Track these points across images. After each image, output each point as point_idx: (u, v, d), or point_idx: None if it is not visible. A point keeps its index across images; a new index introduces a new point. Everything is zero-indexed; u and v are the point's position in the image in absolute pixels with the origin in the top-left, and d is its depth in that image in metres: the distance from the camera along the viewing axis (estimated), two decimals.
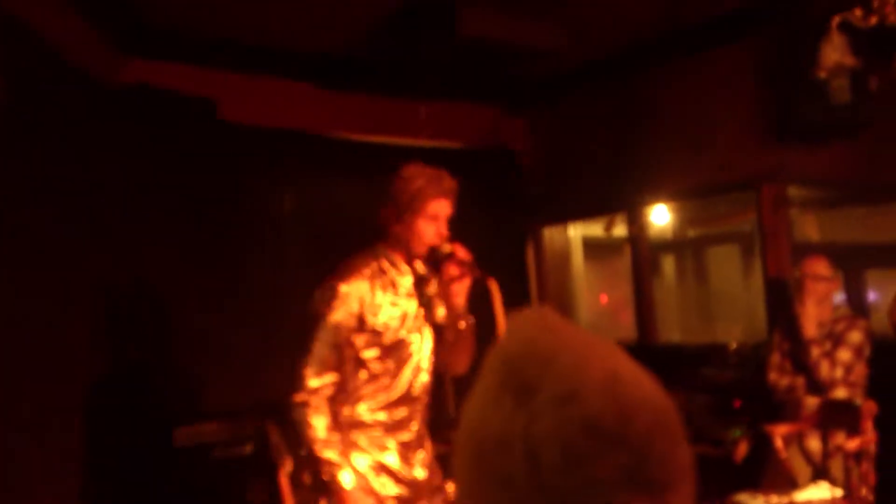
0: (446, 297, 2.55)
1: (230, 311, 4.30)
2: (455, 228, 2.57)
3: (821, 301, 3.62)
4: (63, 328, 3.33)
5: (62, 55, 3.42)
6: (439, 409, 2.63)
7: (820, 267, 3.67)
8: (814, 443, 3.57)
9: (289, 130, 4.63)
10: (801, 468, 3.58)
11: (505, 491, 0.67)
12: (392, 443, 2.49)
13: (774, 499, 3.19)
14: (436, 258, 2.50)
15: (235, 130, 4.33)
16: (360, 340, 2.43)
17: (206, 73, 4.36)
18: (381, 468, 2.47)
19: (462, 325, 2.55)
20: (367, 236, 2.71)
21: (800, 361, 3.62)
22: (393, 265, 2.52)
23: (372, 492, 2.44)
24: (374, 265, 2.49)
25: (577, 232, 6.07)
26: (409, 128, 4.99)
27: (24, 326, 3.01)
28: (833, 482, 3.34)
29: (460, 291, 2.52)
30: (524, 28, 3.97)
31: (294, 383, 2.39)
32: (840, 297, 5.11)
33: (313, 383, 2.38)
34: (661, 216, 5.80)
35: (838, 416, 3.47)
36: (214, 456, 3.58)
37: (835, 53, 3.07)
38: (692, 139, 4.84)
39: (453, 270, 2.49)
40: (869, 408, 3.38)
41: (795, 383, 3.65)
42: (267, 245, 4.52)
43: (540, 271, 5.73)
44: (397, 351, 2.48)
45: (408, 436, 2.51)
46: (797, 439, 3.60)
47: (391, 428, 2.48)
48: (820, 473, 3.50)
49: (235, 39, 4.35)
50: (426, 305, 2.59)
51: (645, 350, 5.22)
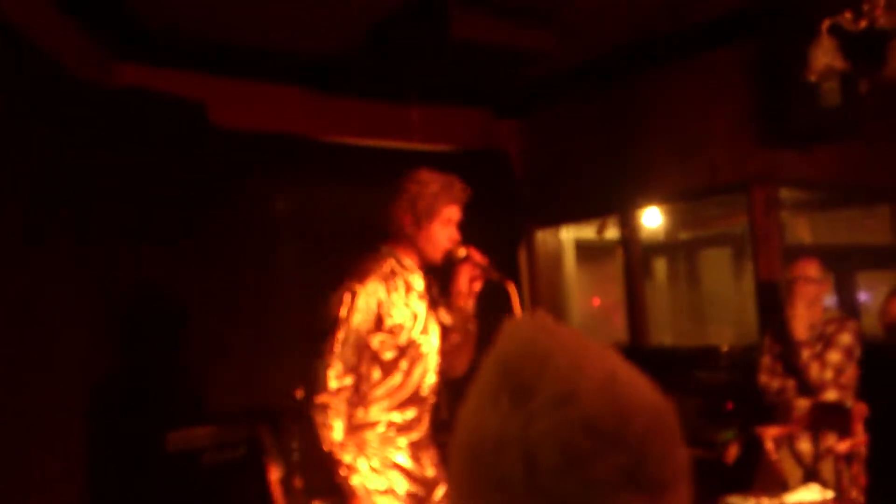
0: (456, 300, 2.60)
1: (223, 316, 4.29)
2: None
3: (811, 303, 3.63)
4: (54, 333, 3.31)
5: (54, 59, 3.41)
6: (433, 412, 2.64)
7: (810, 269, 3.69)
8: (805, 445, 3.58)
9: (280, 134, 4.62)
10: (792, 470, 3.59)
11: (502, 492, 0.67)
12: (403, 442, 2.51)
13: (765, 501, 3.19)
14: (450, 262, 2.56)
15: (226, 134, 4.32)
16: (377, 341, 2.46)
17: (197, 77, 4.35)
18: (394, 467, 2.49)
19: (471, 328, 2.60)
20: (361, 239, 2.71)
21: (790, 363, 3.64)
22: (404, 267, 2.55)
23: (388, 490, 2.45)
24: (387, 267, 2.52)
25: (570, 234, 6.07)
26: (402, 131, 4.99)
27: (15, 332, 2.99)
28: (824, 484, 3.35)
29: (471, 294, 2.59)
30: (516, 31, 3.99)
31: (313, 385, 2.40)
32: (831, 299, 5.14)
33: (334, 385, 2.39)
34: (653, 219, 5.82)
35: (829, 419, 3.48)
36: (207, 460, 3.57)
37: (824, 57, 3.08)
38: (683, 142, 4.86)
39: (470, 273, 2.56)
40: (859, 410, 3.39)
41: (786, 385, 3.67)
42: (259, 249, 4.52)
43: (532, 274, 5.73)
44: (410, 351, 2.52)
45: (417, 435, 2.54)
46: (788, 441, 3.61)
47: (402, 428, 2.51)
48: (811, 475, 3.51)
49: (226, 43, 4.35)
50: (435, 307, 2.62)
51: (637, 352, 5.23)
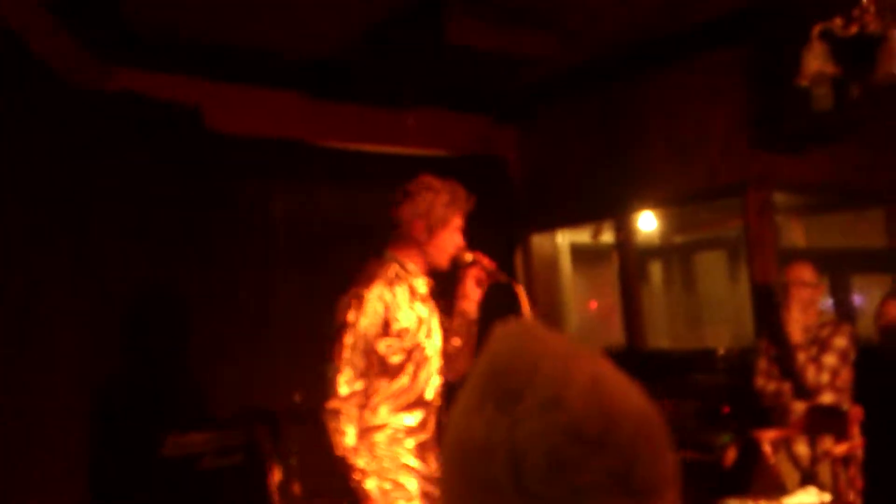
0: (461, 304, 2.63)
1: (220, 319, 4.28)
2: None
3: (806, 307, 3.65)
4: (52, 336, 3.31)
5: (49, 64, 3.41)
6: (439, 414, 2.65)
7: (805, 273, 3.70)
8: (802, 448, 3.59)
9: (276, 139, 4.62)
10: (790, 473, 3.60)
11: (489, 496, 0.66)
12: (411, 443, 2.53)
13: None
14: (457, 267, 2.60)
15: (222, 138, 4.32)
16: (384, 345, 2.48)
17: (193, 81, 4.35)
18: (404, 468, 2.50)
19: (473, 331, 2.64)
20: (358, 243, 2.73)
21: (786, 367, 3.65)
22: (407, 271, 2.57)
23: (402, 491, 2.46)
24: (391, 271, 2.55)
25: (566, 239, 6.09)
26: (398, 136, 5.00)
27: (14, 335, 2.99)
28: (821, 487, 3.36)
29: (476, 298, 2.62)
30: (511, 37, 4.00)
31: (324, 391, 2.42)
32: (826, 302, 5.16)
33: (345, 390, 2.41)
34: (649, 223, 5.83)
35: (826, 422, 3.49)
36: (203, 466, 3.56)
37: (816, 62, 3.10)
38: (678, 146, 4.88)
39: (476, 277, 2.60)
40: (856, 413, 3.40)
41: (782, 388, 3.68)
42: (256, 253, 4.51)
43: (529, 278, 5.74)
44: (416, 355, 2.54)
45: (425, 437, 2.55)
46: (785, 444, 3.62)
47: (411, 430, 2.52)
48: (808, 478, 3.52)
49: (222, 47, 4.35)
50: (438, 310, 2.65)
51: (633, 356, 5.24)
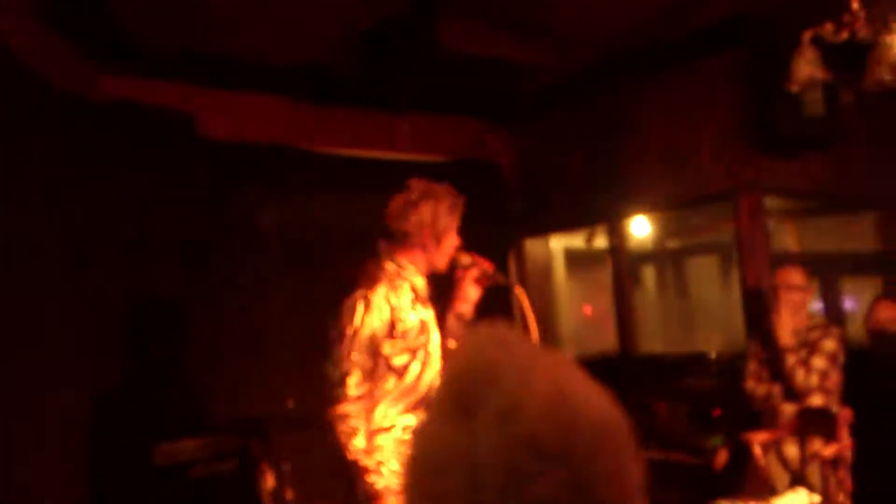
0: (458, 306, 2.65)
1: (212, 327, 4.28)
2: None
3: (795, 310, 3.67)
4: (41, 347, 3.30)
5: (40, 72, 3.42)
6: None
7: (794, 277, 3.73)
8: (791, 450, 3.61)
9: (269, 145, 4.63)
10: (780, 475, 3.62)
11: None
12: None
13: None
14: (456, 268, 2.63)
15: (214, 146, 4.33)
16: (389, 346, 2.50)
17: (184, 88, 4.35)
18: None
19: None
20: (351, 249, 2.74)
21: (776, 370, 3.67)
22: (409, 273, 2.59)
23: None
24: (391, 273, 2.57)
25: (559, 244, 6.10)
26: (392, 142, 5.01)
27: (5, 343, 2.99)
28: (811, 488, 3.37)
29: (473, 300, 2.65)
30: (504, 42, 4.02)
31: (332, 394, 2.43)
32: (817, 306, 5.19)
33: (355, 393, 2.43)
34: (642, 228, 5.85)
35: (815, 424, 3.52)
36: (196, 473, 3.56)
37: (807, 68, 3.13)
38: (671, 152, 4.91)
39: (475, 279, 2.63)
40: (845, 415, 3.43)
41: (772, 391, 3.70)
42: (248, 260, 4.51)
43: (522, 283, 5.74)
44: (419, 355, 2.56)
45: None
46: (775, 446, 3.64)
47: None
48: (798, 480, 3.53)
49: (213, 54, 4.35)
50: (436, 312, 2.67)
51: (626, 360, 5.25)
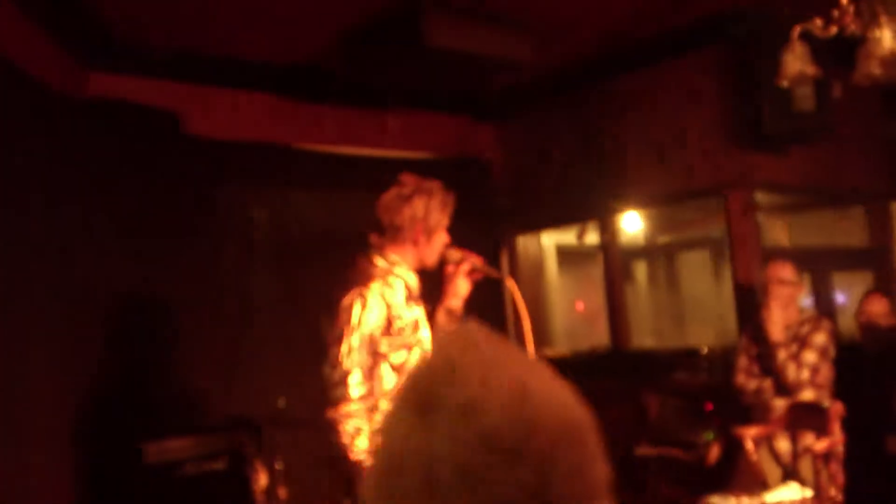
0: (449, 301, 2.64)
1: (200, 326, 4.26)
2: None
3: (786, 304, 3.67)
4: (29, 344, 3.28)
5: (25, 70, 3.39)
6: None
7: (784, 271, 3.73)
8: (783, 444, 3.62)
9: (255, 143, 4.61)
10: (772, 469, 3.62)
11: None
12: None
13: (745, 500, 3.23)
14: (446, 264, 2.62)
15: (200, 143, 4.30)
16: (386, 344, 2.49)
17: (170, 86, 4.32)
18: None
19: None
20: (339, 247, 2.73)
21: (767, 364, 3.68)
22: (400, 271, 2.57)
23: None
24: (383, 271, 2.55)
25: (551, 240, 6.11)
26: (378, 139, 5.00)
27: None
28: (802, 483, 3.39)
29: (463, 295, 2.64)
30: (490, 39, 4.00)
31: (334, 395, 2.42)
32: (808, 300, 5.21)
33: (356, 392, 2.42)
34: (633, 223, 5.86)
35: (807, 418, 3.52)
36: (188, 472, 3.54)
37: (796, 63, 3.13)
38: (660, 147, 4.91)
39: (465, 274, 2.61)
40: (836, 409, 3.43)
41: (763, 386, 3.70)
42: (235, 258, 4.49)
43: (514, 279, 5.74)
44: (415, 351, 2.55)
45: None
46: (766, 441, 3.64)
47: None
48: (790, 474, 3.54)
49: (199, 52, 4.33)
50: (427, 307, 2.66)
51: (618, 356, 5.26)
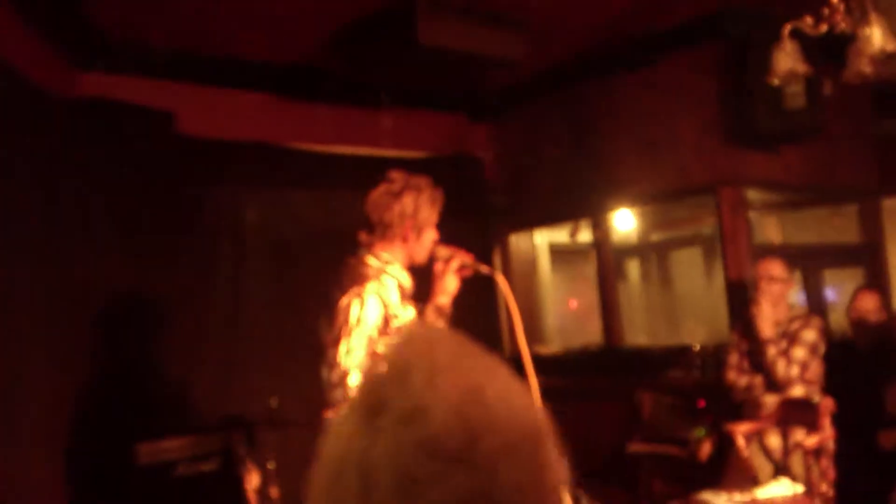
0: (438, 298, 2.63)
1: (194, 325, 4.26)
2: None
3: (776, 301, 3.69)
4: (24, 344, 3.27)
5: (19, 70, 3.37)
6: None
7: (774, 268, 3.75)
8: (774, 440, 3.63)
9: (249, 142, 4.60)
10: (763, 465, 3.64)
11: None
12: None
13: (737, 496, 3.24)
14: (435, 261, 2.61)
15: (193, 143, 4.29)
16: (382, 344, 2.48)
17: (164, 86, 4.32)
18: None
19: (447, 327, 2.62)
20: (332, 246, 2.72)
21: (757, 361, 3.69)
22: (393, 270, 2.57)
23: None
24: (376, 271, 2.54)
25: (544, 238, 6.11)
26: (372, 138, 4.99)
27: None
28: (794, 478, 3.40)
29: (453, 292, 2.62)
30: (483, 37, 4.00)
31: (333, 397, 2.40)
32: (800, 297, 5.23)
33: None
34: (625, 221, 5.87)
35: (797, 414, 3.54)
36: (180, 472, 3.54)
37: (786, 61, 3.14)
38: (652, 145, 4.92)
39: (455, 271, 2.60)
40: (827, 405, 3.45)
41: (753, 382, 3.72)
42: (228, 257, 4.48)
43: (507, 278, 5.74)
44: None
45: None
46: (757, 437, 3.66)
47: None
48: (781, 470, 3.56)
49: (192, 51, 4.32)
50: (418, 305, 2.65)
51: (611, 353, 5.27)
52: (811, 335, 3.63)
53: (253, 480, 3.36)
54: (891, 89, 5.30)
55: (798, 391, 3.59)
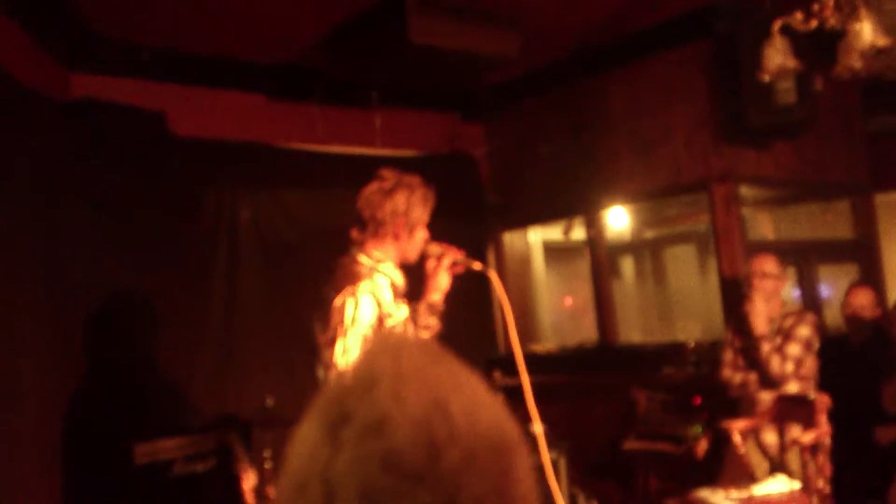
0: (430, 295, 2.62)
1: (189, 325, 4.25)
2: None
3: (769, 298, 3.70)
4: (17, 345, 3.26)
5: (8, 72, 3.36)
6: None
7: (767, 264, 3.76)
8: (770, 437, 3.64)
9: (241, 142, 4.60)
10: (759, 462, 3.65)
11: None
12: None
13: (734, 493, 3.25)
14: (426, 259, 2.61)
15: (186, 143, 4.28)
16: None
17: (156, 86, 4.31)
18: None
19: (436, 323, 2.62)
20: (325, 246, 2.72)
21: (751, 357, 3.70)
22: (385, 269, 2.56)
23: None
24: (369, 269, 2.53)
25: (538, 236, 6.12)
26: (365, 137, 4.99)
27: None
28: (790, 475, 3.41)
29: (445, 289, 2.62)
30: (476, 36, 4.01)
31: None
32: (794, 293, 5.25)
33: None
34: (619, 218, 5.88)
35: (793, 410, 3.54)
36: (176, 472, 3.53)
37: (777, 57, 3.15)
38: (644, 143, 4.93)
39: (447, 268, 2.59)
40: (823, 401, 3.45)
41: (748, 379, 3.73)
42: (222, 257, 4.47)
43: (501, 276, 5.76)
44: None
45: None
46: (753, 434, 3.67)
47: None
48: (777, 467, 3.57)
49: (184, 52, 4.32)
50: (411, 302, 2.65)
51: (606, 350, 5.28)
52: (805, 331, 3.63)
53: (250, 480, 3.36)
54: (881, 84, 5.33)
55: (792, 388, 3.60)
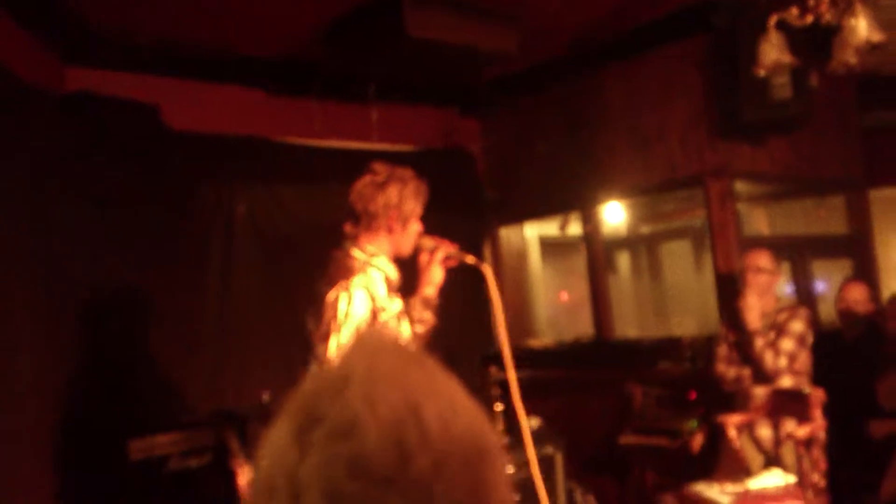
0: (425, 290, 2.61)
1: (185, 320, 4.24)
2: None
3: (763, 293, 3.71)
4: (12, 341, 3.25)
5: (4, 65, 3.35)
6: None
7: (761, 259, 3.77)
8: (765, 431, 3.65)
9: (237, 136, 4.59)
10: (754, 456, 3.66)
11: None
12: None
13: (729, 487, 3.26)
14: (420, 253, 2.59)
15: (182, 137, 4.27)
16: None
17: (152, 80, 4.30)
18: None
19: (430, 318, 2.62)
20: (322, 241, 2.71)
21: (745, 352, 3.71)
22: (379, 262, 2.55)
23: None
24: (362, 263, 2.52)
25: (534, 232, 6.12)
26: (362, 131, 4.98)
27: None
28: (785, 469, 3.43)
29: (438, 283, 2.60)
30: (473, 30, 4.00)
31: None
32: (788, 288, 5.26)
33: None
34: (615, 214, 5.89)
35: (788, 405, 3.56)
36: (172, 467, 3.53)
37: (773, 52, 3.16)
38: (640, 138, 4.94)
39: (441, 262, 2.58)
40: (817, 395, 3.47)
41: (742, 374, 3.74)
42: (218, 252, 4.47)
43: (497, 271, 5.77)
44: None
45: None
46: (748, 428, 3.68)
47: None
48: (772, 461, 3.58)
49: (180, 45, 4.30)
50: (405, 297, 2.64)
51: (602, 345, 5.29)
52: (799, 326, 3.64)
53: (245, 475, 3.36)
54: (876, 80, 5.34)
55: (786, 382, 3.61)
